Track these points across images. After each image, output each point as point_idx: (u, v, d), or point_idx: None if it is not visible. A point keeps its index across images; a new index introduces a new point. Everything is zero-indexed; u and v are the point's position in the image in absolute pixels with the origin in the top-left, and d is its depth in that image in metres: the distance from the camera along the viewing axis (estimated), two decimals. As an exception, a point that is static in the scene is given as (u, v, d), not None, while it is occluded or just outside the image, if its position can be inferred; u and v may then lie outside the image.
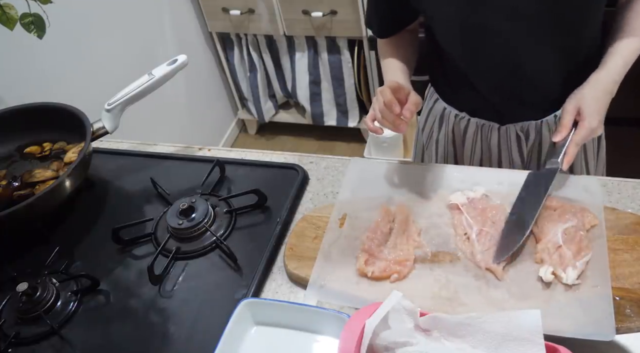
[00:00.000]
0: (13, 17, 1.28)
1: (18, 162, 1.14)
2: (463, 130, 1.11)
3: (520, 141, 1.07)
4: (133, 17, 2.06)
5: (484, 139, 1.10)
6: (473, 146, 1.12)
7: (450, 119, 1.12)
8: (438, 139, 1.17)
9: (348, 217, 0.91)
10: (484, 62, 0.97)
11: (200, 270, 0.92)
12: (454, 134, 1.13)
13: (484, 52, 0.95)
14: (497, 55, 0.94)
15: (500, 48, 0.93)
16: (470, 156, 1.14)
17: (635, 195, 0.89)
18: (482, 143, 1.10)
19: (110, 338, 0.85)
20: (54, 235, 1.04)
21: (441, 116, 1.14)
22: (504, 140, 1.08)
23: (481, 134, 1.09)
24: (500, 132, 1.07)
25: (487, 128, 1.08)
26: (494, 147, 1.10)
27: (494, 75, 0.98)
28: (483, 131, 1.09)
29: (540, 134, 1.05)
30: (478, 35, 0.92)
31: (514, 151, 1.08)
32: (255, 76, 2.55)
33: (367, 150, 2.43)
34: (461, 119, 1.10)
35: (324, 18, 2.17)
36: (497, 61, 0.95)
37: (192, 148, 1.19)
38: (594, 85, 0.89)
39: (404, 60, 1.04)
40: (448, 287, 0.79)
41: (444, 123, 1.14)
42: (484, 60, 0.96)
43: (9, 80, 1.53)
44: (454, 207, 0.89)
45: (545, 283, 0.76)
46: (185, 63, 1.09)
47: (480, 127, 1.09)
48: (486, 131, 1.08)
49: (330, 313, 0.76)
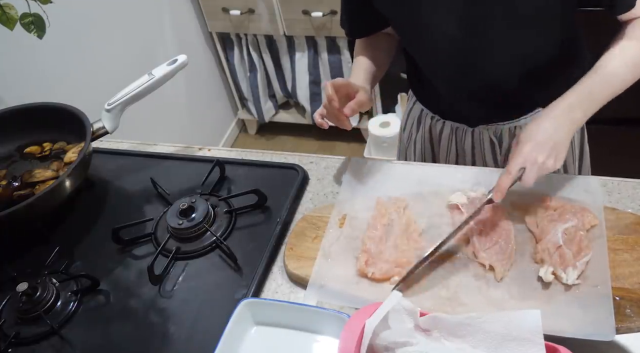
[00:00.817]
0: (13, 17, 1.28)
1: (18, 162, 1.14)
2: (439, 131, 1.12)
3: (494, 146, 1.07)
4: (133, 17, 2.06)
5: (458, 141, 1.10)
6: (448, 148, 1.12)
7: (427, 120, 1.13)
8: (416, 140, 1.18)
9: (348, 217, 0.91)
10: (441, 65, 0.97)
11: (200, 270, 0.92)
12: (431, 135, 1.14)
13: (439, 55, 0.95)
14: (452, 58, 0.94)
15: (454, 51, 0.92)
16: (445, 157, 1.14)
17: (635, 195, 0.89)
18: (457, 145, 1.11)
19: (110, 338, 0.85)
20: (54, 235, 1.04)
21: (419, 117, 1.15)
22: (478, 143, 1.08)
23: (455, 136, 1.10)
24: (473, 135, 1.07)
25: (460, 131, 1.08)
26: (467, 150, 1.10)
27: (453, 78, 0.98)
28: (457, 134, 1.09)
29: (514, 138, 1.03)
30: (431, 37, 0.92)
31: (488, 155, 1.09)
32: (255, 76, 2.55)
33: (367, 150, 2.43)
34: (437, 120, 1.11)
35: (324, 18, 2.17)
36: (454, 63, 0.95)
37: (192, 148, 1.19)
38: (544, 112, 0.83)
39: (373, 60, 1.04)
40: (448, 287, 0.79)
41: (422, 124, 1.15)
42: (441, 63, 0.96)
43: (9, 80, 1.53)
44: (454, 207, 0.89)
45: (545, 284, 0.76)
46: (185, 63, 1.09)
47: (454, 130, 1.09)
48: (460, 134, 1.09)
49: (330, 313, 0.76)
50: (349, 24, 1.06)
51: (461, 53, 0.92)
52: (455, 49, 0.92)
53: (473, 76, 0.96)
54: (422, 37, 0.94)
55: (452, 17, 0.87)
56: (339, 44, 2.31)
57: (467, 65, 0.94)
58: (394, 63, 1.12)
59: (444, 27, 0.89)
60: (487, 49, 0.91)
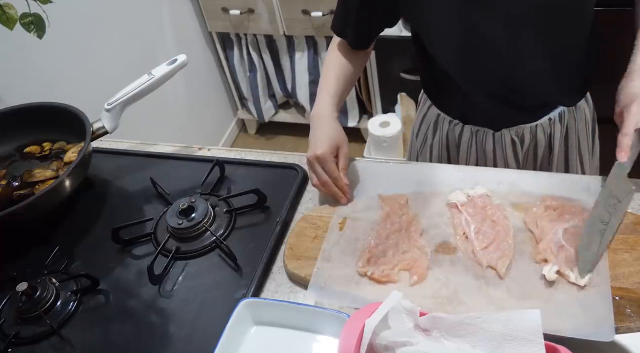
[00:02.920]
0: (13, 17, 1.28)
1: (18, 162, 1.14)
2: (458, 136, 1.10)
3: (515, 146, 1.06)
4: (133, 17, 2.06)
5: (479, 145, 1.09)
6: (468, 151, 1.11)
7: (445, 125, 1.11)
8: (432, 144, 1.17)
9: (348, 220, 0.91)
10: (477, 69, 0.96)
11: (200, 270, 0.92)
12: (449, 140, 1.13)
13: (476, 59, 0.94)
14: (489, 62, 0.93)
15: (493, 54, 0.92)
16: (466, 161, 1.13)
17: (636, 195, 0.89)
18: (478, 148, 1.10)
19: (110, 338, 0.85)
20: (54, 235, 1.04)
21: (435, 122, 1.14)
22: (499, 145, 1.07)
23: (476, 140, 1.09)
24: (495, 137, 1.07)
25: (482, 134, 1.07)
26: (489, 153, 1.09)
27: (487, 81, 0.97)
28: (478, 137, 1.08)
29: (535, 137, 1.05)
30: (471, 42, 0.91)
31: (510, 155, 1.08)
32: (255, 76, 2.55)
33: (367, 150, 2.43)
34: (456, 125, 1.09)
35: (324, 18, 2.17)
36: (490, 68, 0.94)
37: (192, 148, 1.19)
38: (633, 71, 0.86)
39: (349, 73, 1.03)
40: (448, 286, 0.79)
41: (439, 129, 1.13)
42: (476, 67, 0.95)
43: (9, 80, 1.53)
44: (453, 206, 0.89)
45: (545, 283, 0.76)
46: (185, 63, 1.09)
47: (475, 133, 1.08)
48: (481, 137, 1.08)
49: (330, 313, 0.76)
50: (357, 32, 1.02)
51: (501, 57, 0.91)
52: (494, 52, 0.91)
53: (511, 79, 0.95)
54: (462, 41, 0.91)
55: (494, 21, 0.87)
56: (339, 44, 2.31)
57: (505, 71, 0.94)
58: (394, 63, 1.12)
59: (490, 33, 0.88)
60: (526, 50, 0.91)
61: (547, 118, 1.03)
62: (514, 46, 0.90)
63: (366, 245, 0.86)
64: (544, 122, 1.04)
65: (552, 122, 1.04)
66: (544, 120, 1.03)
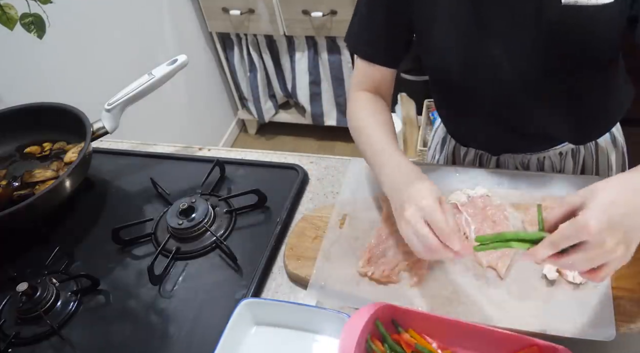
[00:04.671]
0: (13, 17, 1.28)
1: (18, 162, 1.14)
2: (462, 156, 1.09)
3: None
4: (133, 17, 2.06)
5: (483, 167, 1.05)
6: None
7: (451, 143, 1.10)
8: (439, 161, 1.16)
9: (348, 218, 0.91)
10: (480, 92, 0.89)
11: (200, 270, 0.92)
12: (454, 158, 1.11)
13: (480, 83, 0.87)
14: (493, 87, 0.87)
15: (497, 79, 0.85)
16: None
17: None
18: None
19: (110, 338, 0.85)
20: (54, 235, 1.04)
21: (443, 139, 1.13)
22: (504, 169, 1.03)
23: (479, 162, 1.06)
24: (499, 162, 1.03)
25: (485, 156, 1.05)
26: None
27: (490, 105, 0.91)
28: (482, 159, 1.06)
29: (542, 170, 1.00)
30: (476, 64, 0.84)
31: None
32: (255, 76, 2.55)
33: (367, 150, 2.43)
34: (461, 145, 1.08)
35: (324, 18, 2.17)
36: (493, 93, 0.88)
37: (192, 148, 1.19)
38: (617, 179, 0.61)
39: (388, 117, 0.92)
40: (448, 286, 0.79)
41: (445, 146, 1.13)
42: (480, 90, 0.89)
43: (9, 80, 1.53)
44: (453, 206, 0.89)
45: (544, 283, 0.76)
46: (185, 63, 1.09)
47: (478, 155, 1.06)
48: (484, 160, 1.05)
49: (330, 313, 0.76)
50: (386, 51, 0.92)
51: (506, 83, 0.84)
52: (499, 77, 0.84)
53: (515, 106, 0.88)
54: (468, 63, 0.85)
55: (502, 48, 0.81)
56: (339, 44, 2.31)
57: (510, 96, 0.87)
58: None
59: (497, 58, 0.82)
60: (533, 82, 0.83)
61: (557, 151, 0.98)
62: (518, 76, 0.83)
63: (366, 245, 0.86)
64: (552, 154, 0.98)
65: (563, 156, 0.98)
66: (551, 151, 0.98)
